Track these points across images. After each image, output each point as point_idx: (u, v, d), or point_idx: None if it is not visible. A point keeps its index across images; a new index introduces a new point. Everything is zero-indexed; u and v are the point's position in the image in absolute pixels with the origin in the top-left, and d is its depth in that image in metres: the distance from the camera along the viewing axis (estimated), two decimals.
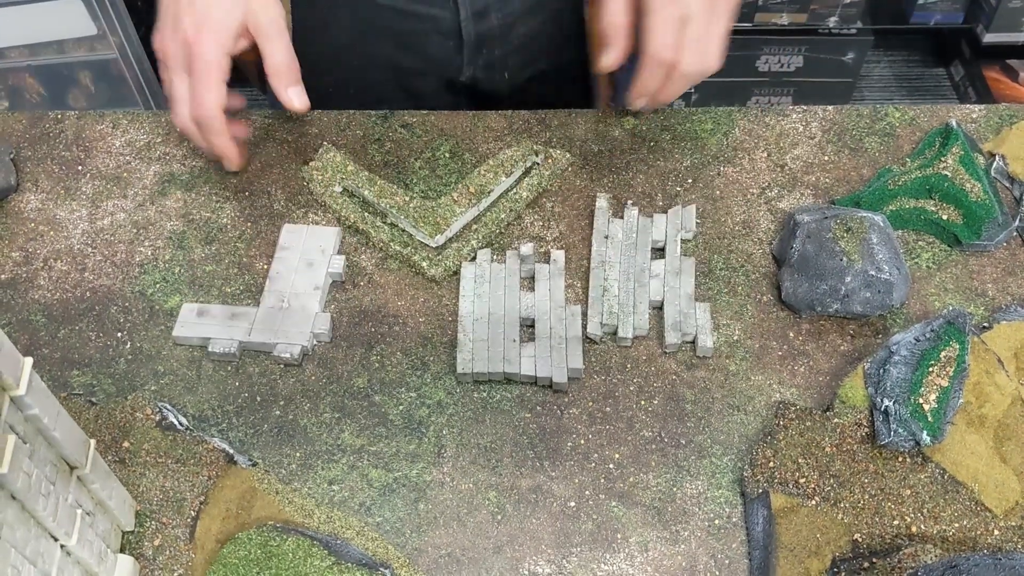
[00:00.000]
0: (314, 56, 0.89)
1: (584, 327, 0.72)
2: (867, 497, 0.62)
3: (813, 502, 0.62)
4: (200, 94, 0.72)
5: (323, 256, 0.76)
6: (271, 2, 0.74)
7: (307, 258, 0.75)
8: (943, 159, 0.79)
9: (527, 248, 0.75)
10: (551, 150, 0.83)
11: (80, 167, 0.84)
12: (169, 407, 0.68)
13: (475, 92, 0.97)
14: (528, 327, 0.73)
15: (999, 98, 1.96)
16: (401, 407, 0.69)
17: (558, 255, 0.76)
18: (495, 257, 0.77)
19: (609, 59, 0.76)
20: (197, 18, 0.71)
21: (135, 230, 0.80)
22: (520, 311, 0.73)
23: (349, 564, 0.60)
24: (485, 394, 0.70)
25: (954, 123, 0.81)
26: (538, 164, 0.82)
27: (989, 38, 1.88)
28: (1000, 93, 1.97)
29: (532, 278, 0.75)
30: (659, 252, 0.77)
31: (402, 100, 0.95)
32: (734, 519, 0.64)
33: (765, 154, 0.83)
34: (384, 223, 0.79)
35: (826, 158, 0.83)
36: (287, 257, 0.76)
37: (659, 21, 0.71)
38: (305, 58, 0.77)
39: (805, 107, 0.87)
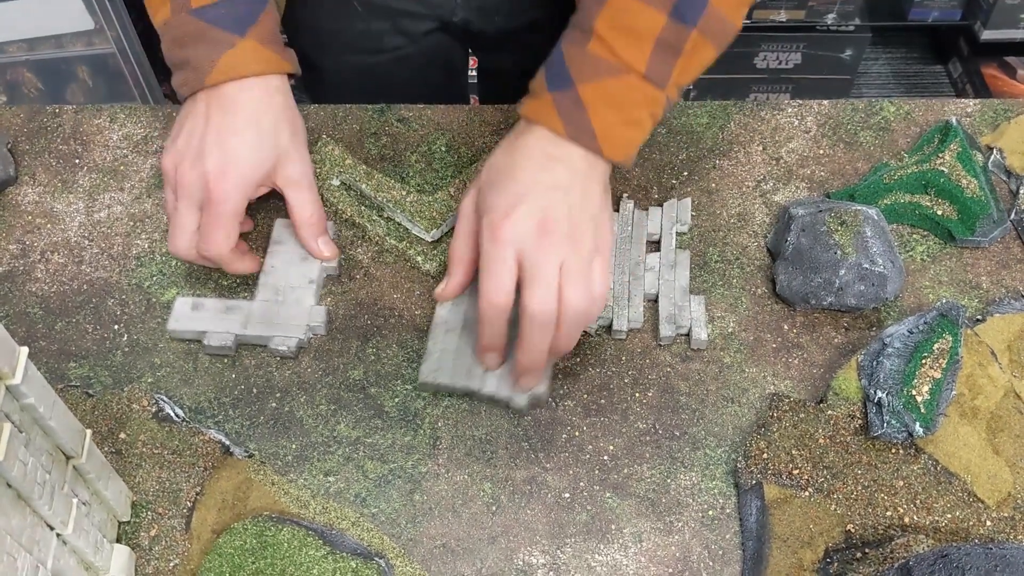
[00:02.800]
0: (312, 1, 0.90)
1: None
2: (860, 488, 0.63)
3: (806, 493, 0.63)
4: (213, 235, 0.68)
5: None
6: (303, 155, 0.72)
7: (301, 252, 0.76)
8: (940, 155, 0.79)
9: None
10: None
11: (77, 160, 0.84)
12: (165, 399, 0.69)
13: (467, 33, 0.97)
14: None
15: (997, 95, 1.96)
16: (397, 399, 0.69)
17: None
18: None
19: (445, 289, 0.70)
20: (224, 159, 0.67)
21: (132, 223, 0.80)
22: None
23: (344, 554, 0.60)
24: None
25: (954, 120, 0.82)
26: None
27: (987, 35, 1.88)
28: (998, 90, 1.97)
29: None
30: (654, 245, 0.77)
31: (399, 44, 0.96)
32: (728, 510, 0.64)
33: (760, 147, 0.84)
34: (380, 217, 0.79)
35: (821, 152, 0.83)
36: (281, 251, 0.76)
37: (491, 267, 0.63)
38: (302, 2, 0.76)
39: (800, 101, 0.87)
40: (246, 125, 0.68)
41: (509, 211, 0.62)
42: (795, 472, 0.63)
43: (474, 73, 1.10)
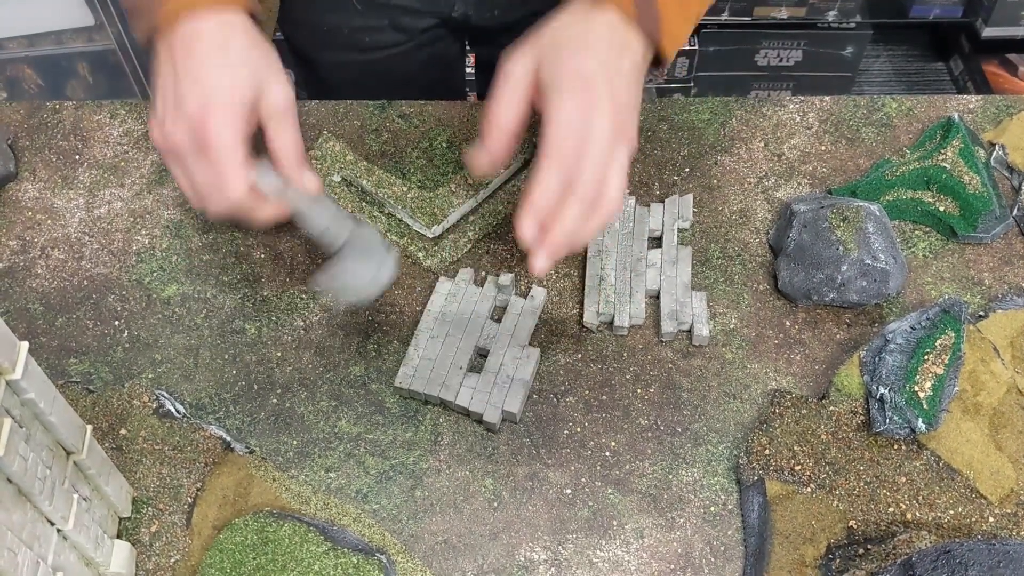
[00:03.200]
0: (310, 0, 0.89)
1: (534, 372, 0.69)
2: (862, 484, 0.62)
3: (808, 489, 0.62)
4: (221, 182, 0.61)
5: None
6: (282, 80, 0.65)
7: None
8: (943, 151, 0.79)
9: (506, 278, 0.72)
10: None
11: (78, 156, 0.84)
12: (166, 395, 0.69)
13: (466, 28, 0.97)
14: (482, 357, 0.71)
15: (998, 92, 1.95)
16: (397, 395, 0.69)
17: (539, 293, 0.73)
18: (476, 278, 0.75)
19: (480, 158, 0.64)
20: (203, 95, 0.60)
21: (132, 219, 0.80)
22: (478, 340, 0.70)
23: (345, 550, 0.60)
24: None
25: (956, 117, 0.81)
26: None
27: (988, 32, 1.88)
28: (999, 87, 1.96)
29: (504, 308, 0.73)
30: (656, 241, 0.77)
31: (397, 40, 0.96)
32: (730, 506, 0.64)
33: (762, 144, 0.84)
34: (381, 213, 0.79)
35: (823, 148, 0.83)
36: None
37: (565, 113, 0.59)
38: (300, 2, 0.74)
39: (802, 97, 0.87)
40: (215, 54, 0.62)
41: (588, 85, 0.59)
42: (797, 468, 0.63)
43: (471, 70, 1.10)
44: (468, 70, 1.11)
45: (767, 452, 0.64)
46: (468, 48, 1.06)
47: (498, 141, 0.62)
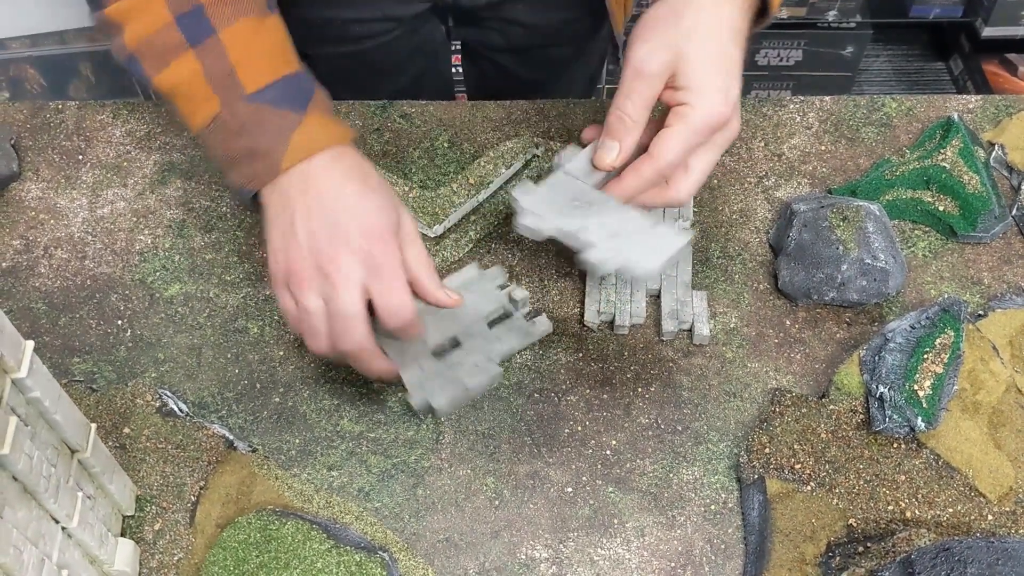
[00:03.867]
0: None
1: (482, 385, 0.67)
2: (862, 483, 0.63)
3: (808, 487, 0.63)
4: (402, 302, 0.60)
5: None
6: (405, 209, 0.65)
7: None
8: (942, 151, 0.80)
9: (521, 293, 0.71)
10: (551, 143, 0.83)
11: (80, 156, 0.84)
12: (169, 394, 0.69)
13: (455, 12, 0.97)
14: (454, 347, 0.69)
15: (998, 92, 1.95)
16: (399, 394, 0.69)
17: (542, 323, 0.71)
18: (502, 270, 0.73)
19: (615, 158, 0.65)
20: (366, 219, 0.60)
21: (135, 219, 0.80)
22: (459, 331, 0.69)
23: (348, 547, 0.60)
24: None
25: (955, 116, 0.82)
26: (538, 156, 0.82)
27: (988, 32, 1.88)
28: (999, 87, 1.97)
29: (505, 316, 0.72)
30: None
31: (385, 29, 0.96)
32: (730, 504, 0.64)
33: (763, 144, 0.84)
34: None
35: (823, 148, 0.84)
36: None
37: (683, 137, 0.62)
38: None
39: (802, 97, 0.87)
40: (361, 185, 0.61)
41: (724, 93, 0.63)
42: (797, 467, 0.63)
43: (458, 69, 1.10)
44: (456, 70, 1.10)
45: (767, 451, 0.64)
46: (451, 34, 1.06)
47: (632, 136, 0.64)
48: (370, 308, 0.61)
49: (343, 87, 0.88)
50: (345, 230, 0.60)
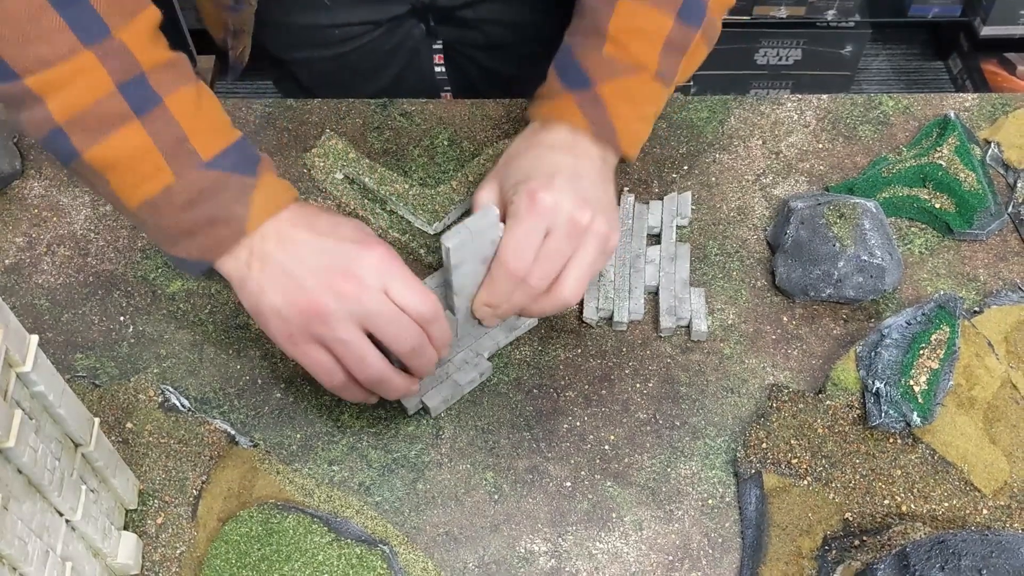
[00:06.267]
0: None
1: (472, 381, 0.69)
2: (858, 477, 0.63)
3: (805, 482, 0.63)
4: (425, 341, 0.61)
5: None
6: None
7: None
8: (939, 149, 0.80)
9: None
10: None
11: None
12: (171, 389, 0.69)
13: (434, 11, 0.98)
14: None
15: (997, 91, 1.96)
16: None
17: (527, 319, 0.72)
18: None
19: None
20: (370, 262, 0.59)
21: None
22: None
23: (349, 541, 0.61)
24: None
25: (952, 114, 0.82)
26: None
27: (987, 31, 1.89)
28: (998, 86, 1.97)
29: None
30: (655, 238, 0.78)
31: (365, 31, 0.97)
32: (727, 499, 0.65)
33: (760, 141, 0.84)
34: (383, 210, 0.80)
35: (820, 146, 0.84)
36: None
37: (520, 230, 0.62)
38: (274, 5, 0.74)
39: (800, 96, 0.88)
40: (346, 231, 0.61)
41: (548, 181, 0.62)
42: (794, 461, 0.64)
43: (441, 69, 1.11)
44: (439, 68, 1.11)
45: (764, 445, 0.65)
46: (430, 33, 1.06)
47: (504, 308, 0.65)
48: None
49: (326, 90, 0.89)
50: (343, 256, 0.59)
